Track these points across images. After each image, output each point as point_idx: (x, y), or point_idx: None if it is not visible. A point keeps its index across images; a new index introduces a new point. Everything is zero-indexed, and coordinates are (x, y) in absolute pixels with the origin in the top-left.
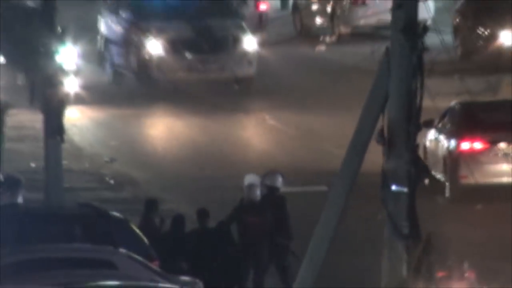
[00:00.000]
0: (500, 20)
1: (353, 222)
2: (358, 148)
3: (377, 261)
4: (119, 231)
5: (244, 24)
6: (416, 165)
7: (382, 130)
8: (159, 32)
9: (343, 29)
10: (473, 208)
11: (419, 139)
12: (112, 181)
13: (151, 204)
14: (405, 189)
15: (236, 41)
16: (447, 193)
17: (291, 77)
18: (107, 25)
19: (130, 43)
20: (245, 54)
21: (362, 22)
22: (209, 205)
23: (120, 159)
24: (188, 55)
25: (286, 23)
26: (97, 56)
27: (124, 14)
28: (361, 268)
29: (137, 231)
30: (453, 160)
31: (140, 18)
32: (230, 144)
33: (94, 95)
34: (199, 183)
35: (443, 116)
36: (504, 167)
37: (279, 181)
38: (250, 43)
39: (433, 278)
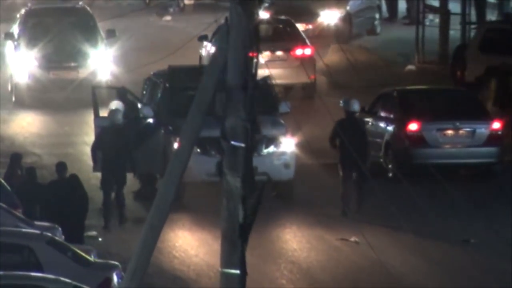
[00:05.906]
0: None
1: None
2: (201, 108)
3: None
4: None
5: (282, 121)
6: (253, 123)
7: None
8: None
9: (187, 1)
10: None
11: None
12: None
13: (16, 158)
14: (242, 144)
15: (271, 141)
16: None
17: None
18: None
19: None
20: (281, 155)
21: None
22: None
23: None
24: (215, 154)
25: None
26: None
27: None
28: None
29: (2, 182)
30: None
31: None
32: None
33: None
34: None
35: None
36: None
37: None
38: (288, 144)
39: None
